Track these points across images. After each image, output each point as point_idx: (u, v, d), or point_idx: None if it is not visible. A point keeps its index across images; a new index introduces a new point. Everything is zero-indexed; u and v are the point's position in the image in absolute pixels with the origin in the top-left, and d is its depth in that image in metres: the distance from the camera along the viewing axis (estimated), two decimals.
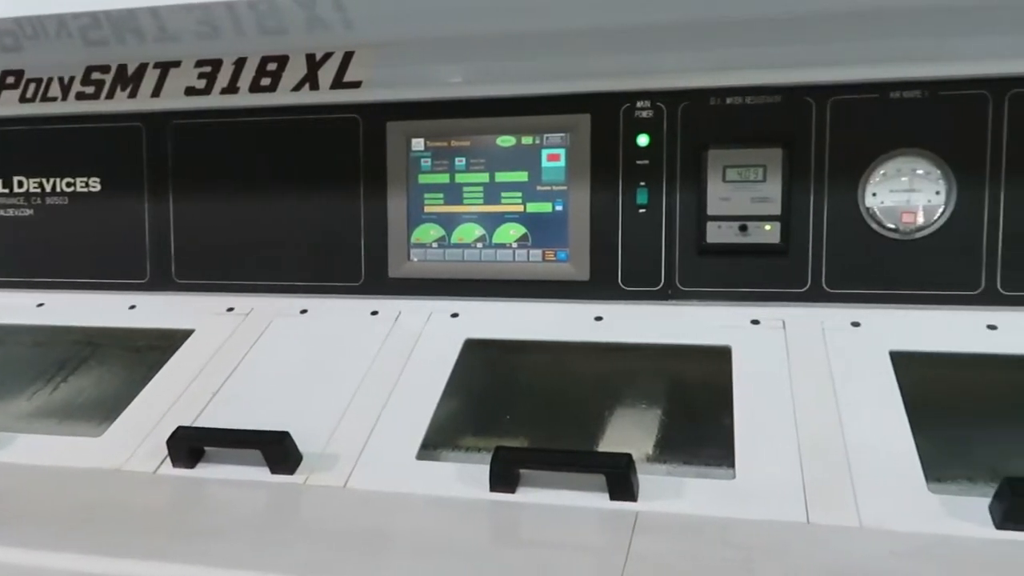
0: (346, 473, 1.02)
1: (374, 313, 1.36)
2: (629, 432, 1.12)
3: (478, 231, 1.39)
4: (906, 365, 1.06)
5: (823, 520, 0.88)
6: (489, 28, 1.30)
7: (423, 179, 1.41)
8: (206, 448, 1.06)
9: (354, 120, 1.42)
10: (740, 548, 0.83)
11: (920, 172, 1.23)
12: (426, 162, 1.40)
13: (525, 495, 0.96)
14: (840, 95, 1.25)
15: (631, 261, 1.32)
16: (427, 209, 1.41)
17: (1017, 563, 0.79)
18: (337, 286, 1.44)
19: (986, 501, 0.86)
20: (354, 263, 1.43)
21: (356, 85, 1.41)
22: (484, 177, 1.38)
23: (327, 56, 1.42)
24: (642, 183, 1.31)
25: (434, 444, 1.09)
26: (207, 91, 1.47)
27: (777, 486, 0.92)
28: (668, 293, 1.31)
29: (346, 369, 1.21)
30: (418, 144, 1.41)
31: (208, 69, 1.47)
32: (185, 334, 1.35)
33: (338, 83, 1.42)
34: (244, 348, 1.30)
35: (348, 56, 1.41)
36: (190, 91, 1.48)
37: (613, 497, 0.93)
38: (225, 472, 1.05)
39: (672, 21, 1.26)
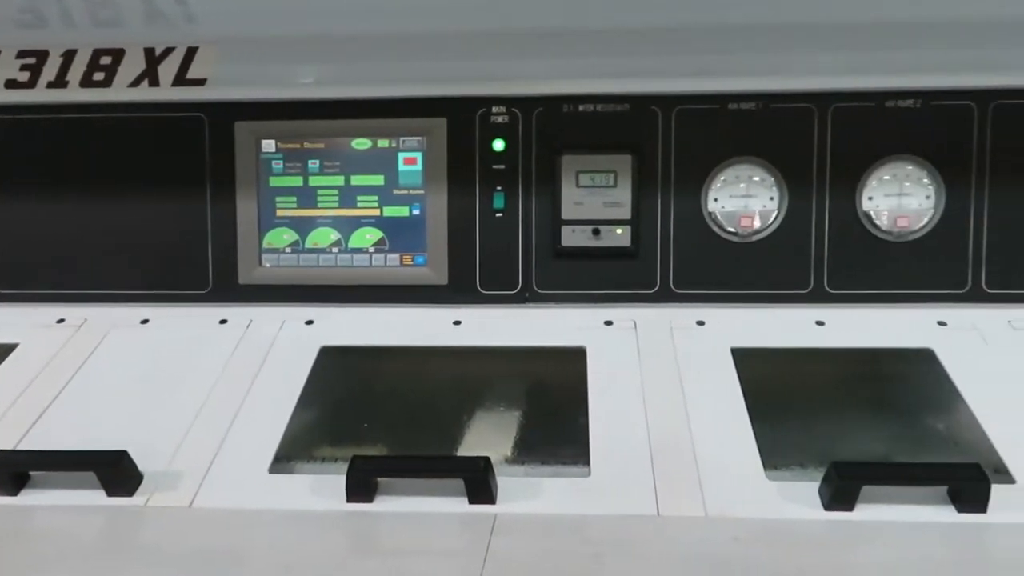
0: (192, 492, 0.97)
1: (223, 322, 1.30)
2: (488, 435, 1.12)
3: (333, 235, 1.35)
4: (746, 360, 1.13)
5: (672, 512, 0.91)
6: (342, 29, 1.28)
7: (274, 182, 1.36)
8: (31, 473, 0.97)
9: (199, 119, 1.35)
10: (594, 543, 0.86)
11: (756, 179, 1.31)
12: (277, 164, 1.36)
13: (383, 504, 0.94)
14: (684, 105, 1.31)
15: (489, 265, 1.33)
16: (279, 213, 1.36)
17: (842, 541, 0.85)
18: (182, 294, 1.36)
19: (816, 485, 0.92)
20: (200, 269, 1.36)
21: (200, 82, 1.34)
22: (339, 180, 1.35)
23: (168, 51, 1.34)
24: (499, 187, 1.33)
25: (288, 457, 1.05)
26: (31, 84, 1.36)
27: (630, 481, 0.95)
28: (525, 296, 1.33)
29: (192, 381, 1.15)
30: (269, 145, 1.35)
31: (32, 61, 1.36)
32: (7, 349, 1.23)
33: (181, 80, 1.34)
34: (76, 362, 1.20)
35: (191, 52, 1.34)
36: (11, 84, 1.36)
37: (472, 501, 0.92)
38: (54, 498, 0.96)
39: (526, 29, 1.28)
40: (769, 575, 0.79)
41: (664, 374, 1.12)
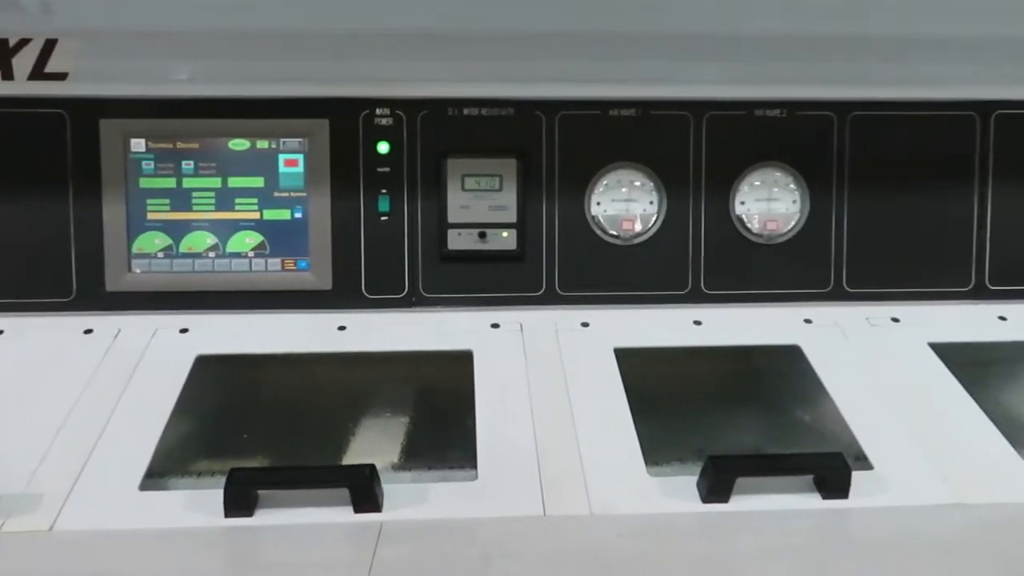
0: (52, 514, 0.90)
1: (88, 331, 1.22)
2: (374, 442, 1.11)
3: (210, 239, 1.30)
4: (628, 360, 1.16)
5: (558, 511, 0.92)
6: (217, 24, 1.23)
7: (145, 183, 1.29)
8: None
9: (59, 116, 1.27)
10: (481, 546, 0.86)
11: (637, 184, 1.35)
12: (148, 165, 1.29)
13: (264, 517, 0.90)
14: (567, 110, 1.33)
15: (374, 269, 1.31)
16: (151, 216, 1.29)
17: (720, 532, 0.89)
18: (42, 303, 1.27)
19: (695, 479, 0.95)
20: (63, 276, 1.27)
21: (61, 77, 1.26)
22: (216, 182, 1.30)
23: (24, 42, 1.25)
24: (384, 190, 1.31)
25: (160, 472, 1.00)
26: None
27: (516, 483, 0.96)
28: (412, 300, 1.32)
29: (54, 396, 1.07)
30: (138, 145, 1.29)
31: None
32: None
33: (38, 74, 1.25)
34: None
35: (50, 44, 1.26)
36: None
37: (357, 510, 0.91)
38: None
39: (411, 30, 1.27)
40: (650, 568, 0.81)
41: (550, 375, 1.13)
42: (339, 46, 1.28)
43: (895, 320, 1.26)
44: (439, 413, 1.20)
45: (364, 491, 0.89)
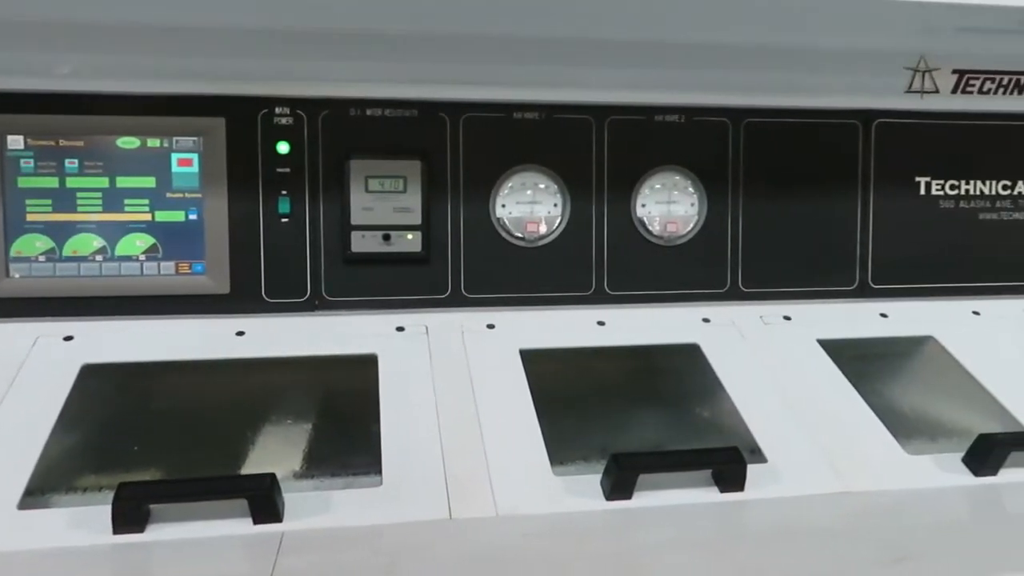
0: None
1: None
2: (275, 450, 1.08)
3: (97, 242, 1.23)
4: (533, 361, 1.16)
5: (464, 514, 0.92)
6: (100, 15, 1.16)
7: (24, 183, 1.21)
8: None
9: None
10: (386, 553, 0.84)
11: (541, 186, 1.36)
12: (27, 163, 1.21)
13: (157, 533, 0.86)
14: (471, 113, 1.33)
15: (275, 272, 1.27)
16: (30, 218, 1.22)
17: (622, 527, 0.91)
18: None
19: (599, 477, 0.97)
20: None
21: None
22: (103, 182, 1.23)
23: None
24: (284, 192, 1.28)
25: (42, 489, 0.94)
26: None
27: (422, 487, 0.95)
28: (315, 304, 1.29)
29: None
30: (16, 142, 1.21)
31: None
32: None
33: None
34: None
35: None
36: None
37: (257, 521, 0.88)
38: None
39: (312, 29, 1.24)
40: (555, 567, 0.82)
41: (455, 378, 1.13)
42: (236, 42, 1.24)
43: (787, 318, 1.31)
44: (343, 419, 1.17)
45: (263, 501, 0.87)
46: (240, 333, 1.21)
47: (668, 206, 1.39)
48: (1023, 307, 1.39)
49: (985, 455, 1.01)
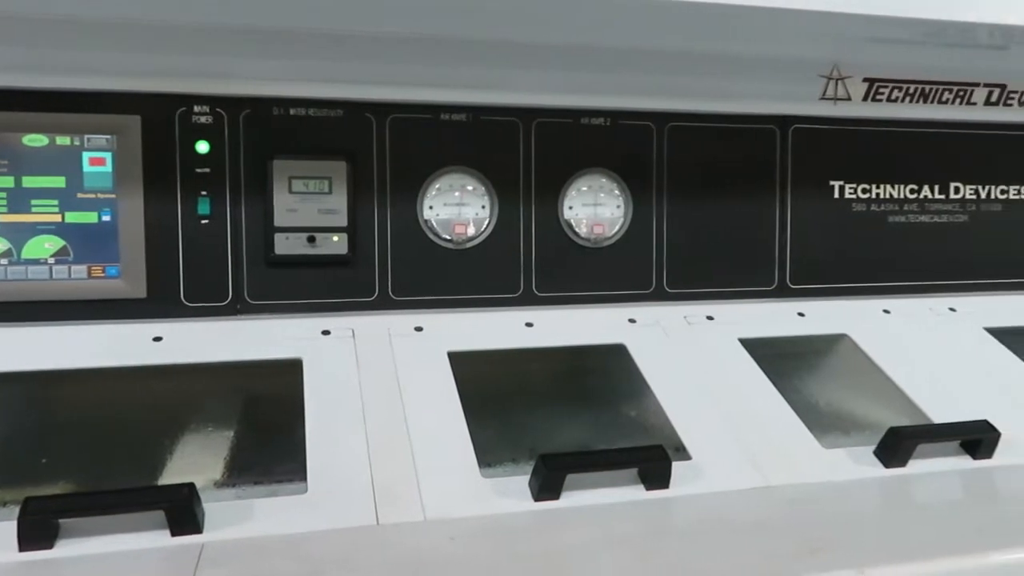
0: None
1: None
2: (195, 459, 1.04)
3: (2, 245, 1.17)
4: (462, 363, 1.16)
5: (391, 519, 0.91)
6: (5, 7, 1.11)
7: None
8: None
9: None
10: (311, 561, 0.83)
11: (469, 188, 1.36)
12: None
13: (67, 549, 0.83)
14: (398, 113, 1.32)
15: (194, 275, 1.24)
16: None
17: (550, 527, 0.91)
18: None
19: (527, 478, 0.97)
20: None
21: None
22: (8, 182, 1.18)
23: None
24: (204, 192, 1.24)
25: None
26: None
27: (348, 494, 0.94)
28: (237, 308, 1.26)
29: None
30: None
31: None
32: None
33: None
34: None
35: None
36: None
37: (175, 533, 0.85)
38: None
39: (233, 25, 1.21)
40: (482, 569, 0.82)
41: (383, 381, 1.11)
42: (153, 37, 1.20)
43: (710, 318, 1.34)
44: (267, 425, 1.15)
45: (182, 512, 0.84)
46: (157, 339, 1.17)
47: (595, 208, 1.41)
48: (929, 305, 1.46)
49: (895, 447, 1.06)
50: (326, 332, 1.21)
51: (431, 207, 1.34)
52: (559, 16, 1.22)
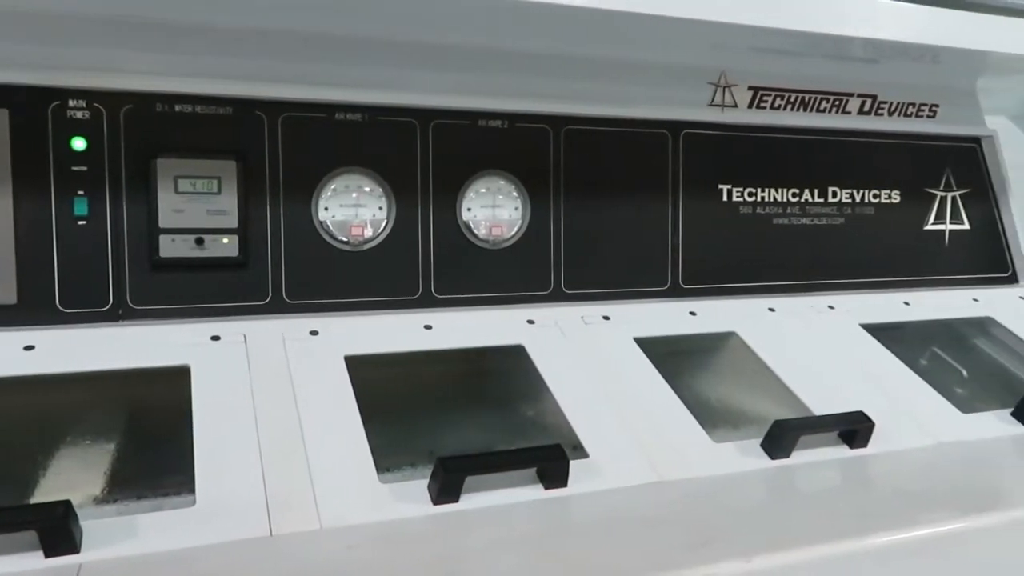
0: None
1: None
2: (72, 475, 0.98)
3: None
4: (359, 367, 1.14)
5: (286, 529, 0.88)
6: None
7: None
8: None
9: None
10: None
11: (366, 189, 1.34)
12: None
13: None
14: (291, 112, 1.28)
15: (71, 280, 1.17)
16: None
17: (449, 531, 0.90)
18: None
19: (426, 482, 0.96)
20: None
21: None
22: None
23: None
24: (80, 192, 1.17)
25: None
26: None
27: (240, 504, 0.90)
28: (119, 313, 1.19)
29: None
30: None
31: None
32: None
33: None
34: None
35: None
36: None
37: (49, 554, 0.80)
38: None
39: (112, 15, 1.15)
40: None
41: (276, 388, 1.08)
42: (21, 25, 1.12)
43: (606, 318, 1.37)
44: (151, 436, 1.09)
45: (56, 531, 0.79)
46: (29, 347, 1.10)
47: (493, 210, 1.41)
48: (810, 303, 1.54)
49: (779, 440, 1.11)
50: (216, 338, 1.17)
51: (326, 208, 1.31)
52: (450, 17, 1.22)
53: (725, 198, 1.58)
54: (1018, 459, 1.20)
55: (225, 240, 1.24)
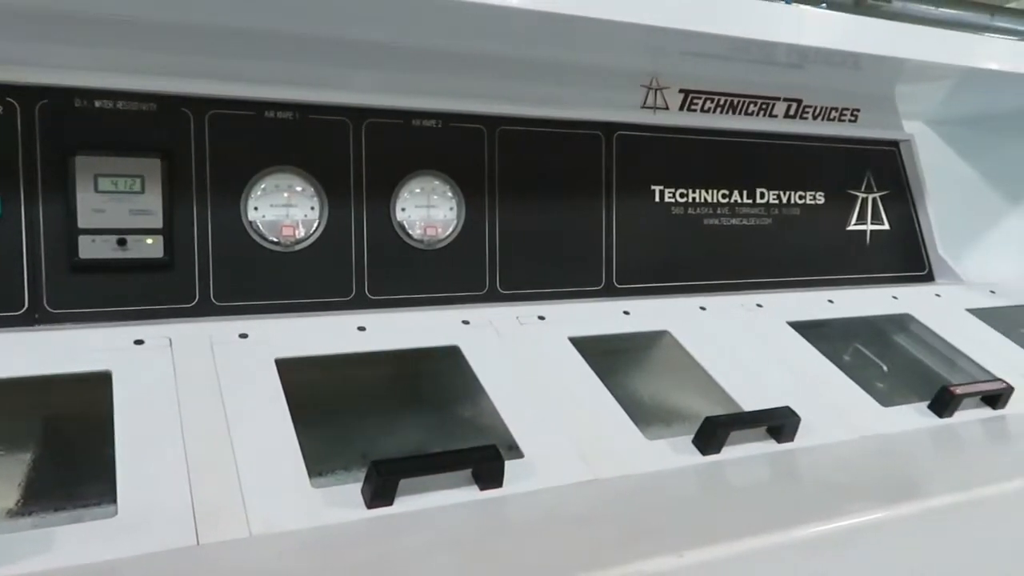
0: None
1: None
2: None
3: None
4: (291, 370, 1.12)
5: (214, 538, 0.86)
6: None
7: None
8: None
9: None
10: None
11: (298, 189, 1.31)
12: None
13: None
14: (218, 109, 1.25)
15: None
16: None
17: (384, 535, 0.89)
18: None
19: (359, 486, 0.95)
20: None
21: None
22: None
23: None
24: None
25: None
26: None
27: (165, 514, 0.88)
28: (35, 317, 1.14)
29: None
30: None
31: None
32: None
33: None
34: None
35: None
36: None
37: None
38: None
39: (25, 6, 1.10)
40: None
41: (203, 393, 1.05)
42: None
43: (541, 318, 1.37)
44: (70, 445, 1.05)
45: None
46: None
47: (428, 210, 1.40)
48: (740, 302, 1.57)
49: (710, 436, 1.13)
50: (139, 342, 1.13)
51: (256, 208, 1.28)
52: (384, 15, 1.21)
53: (657, 199, 1.60)
54: (935, 450, 1.25)
55: (149, 241, 1.20)
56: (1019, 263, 2.01)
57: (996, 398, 1.38)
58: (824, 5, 2.14)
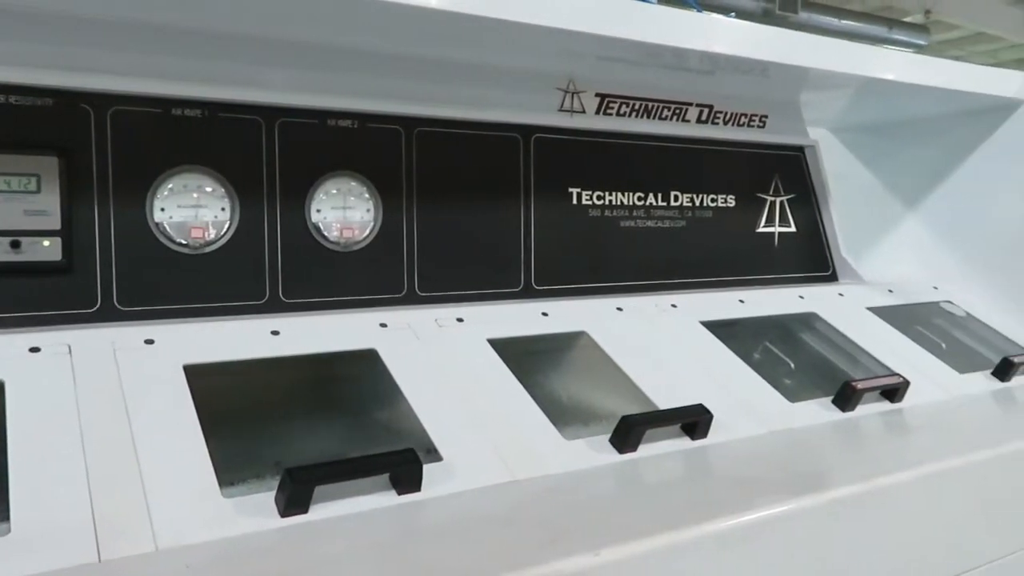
0: None
1: None
2: None
3: None
4: (200, 377, 1.08)
5: (116, 554, 0.82)
6: None
7: None
8: None
9: None
10: None
11: (208, 189, 1.27)
12: None
13: None
14: (121, 106, 1.20)
15: None
16: None
17: (298, 544, 0.87)
18: None
19: (273, 494, 0.92)
20: None
21: None
22: None
23: None
24: None
25: None
26: None
27: (63, 529, 0.83)
28: None
29: None
30: None
31: None
32: None
33: None
34: None
35: None
36: None
37: None
38: None
39: None
40: None
41: (106, 402, 1.00)
42: None
43: (460, 320, 1.37)
44: None
45: None
46: None
47: (344, 211, 1.38)
48: (655, 302, 1.61)
49: (626, 434, 1.15)
50: (35, 349, 1.07)
51: (163, 209, 1.23)
52: (297, 12, 1.18)
53: (575, 201, 1.62)
54: (838, 443, 1.31)
55: (46, 243, 1.14)
56: (915, 264, 2.12)
57: (894, 392, 1.45)
58: (733, 14, 2.21)
